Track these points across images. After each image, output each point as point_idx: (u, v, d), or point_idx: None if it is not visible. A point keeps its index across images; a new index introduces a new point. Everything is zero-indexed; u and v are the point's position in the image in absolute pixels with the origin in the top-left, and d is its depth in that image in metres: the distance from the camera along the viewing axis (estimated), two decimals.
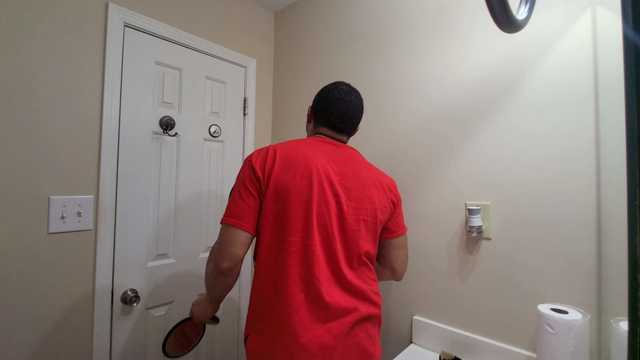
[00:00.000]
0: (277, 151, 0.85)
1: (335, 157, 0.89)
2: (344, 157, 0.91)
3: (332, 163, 0.87)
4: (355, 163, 0.91)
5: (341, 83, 0.97)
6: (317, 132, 0.97)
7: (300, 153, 0.85)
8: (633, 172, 0.33)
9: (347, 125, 0.95)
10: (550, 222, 0.95)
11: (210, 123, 1.56)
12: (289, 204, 0.81)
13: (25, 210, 1.05)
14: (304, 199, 0.81)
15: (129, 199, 1.29)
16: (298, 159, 0.84)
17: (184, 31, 1.47)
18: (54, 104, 1.11)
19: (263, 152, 0.86)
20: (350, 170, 0.89)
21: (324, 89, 0.97)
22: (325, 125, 0.95)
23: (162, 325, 1.38)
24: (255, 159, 0.85)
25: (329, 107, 0.93)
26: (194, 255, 1.49)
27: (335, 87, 0.95)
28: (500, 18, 0.61)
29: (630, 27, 0.34)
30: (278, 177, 0.82)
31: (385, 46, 1.38)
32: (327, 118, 0.94)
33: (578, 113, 0.92)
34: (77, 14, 1.16)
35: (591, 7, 0.90)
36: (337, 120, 0.93)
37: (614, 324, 0.78)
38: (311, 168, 0.83)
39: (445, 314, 1.16)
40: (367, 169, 0.93)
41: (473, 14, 1.13)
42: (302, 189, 0.81)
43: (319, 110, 0.96)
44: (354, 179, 0.88)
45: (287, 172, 0.82)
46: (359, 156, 0.96)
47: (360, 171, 0.90)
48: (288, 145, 0.88)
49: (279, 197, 0.81)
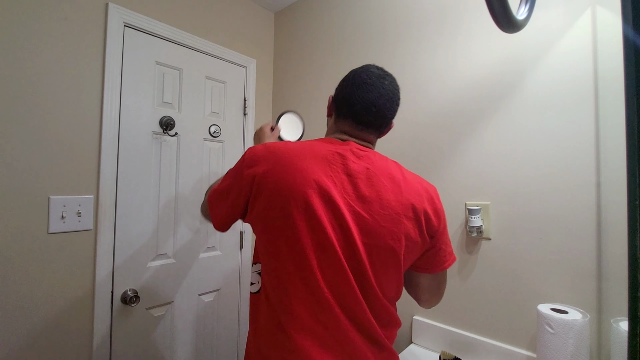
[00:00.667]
0: (260, 159, 0.67)
1: (352, 172, 0.65)
2: (365, 171, 0.66)
3: (344, 182, 0.65)
4: (382, 179, 0.67)
5: (372, 66, 0.76)
6: (337, 129, 0.76)
7: (289, 167, 0.64)
8: (633, 172, 0.33)
9: (377, 118, 0.73)
10: (550, 222, 0.95)
11: (210, 123, 1.56)
12: (273, 240, 0.65)
13: (25, 210, 1.05)
14: (286, 235, 0.63)
15: (129, 199, 1.29)
16: (281, 176, 0.63)
17: (184, 31, 1.47)
18: (54, 103, 1.11)
19: (252, 158, 0.69)
20: (373, 191, 0.65)
21: (350, 73, 0.76)
22: (348, 117, 0.73)
23: (163, 325, 1.38)
24: (247, 164, 0.69)
25: (354, 94, 0.72)
26: (194, 255, 1.49)
27: (365, 70, 0.74)
28: (501, 18, 0.61)
29: (630, 27, 0.34)
30: (260, 192, 0.65)
31: (386, 46, 1.38)
32: (351, 108, 0.72)
33: (578, 113, 0.92)
34: (77, 14, 1.16)
35: (591, 7, 0.90)
36: (364, 112, 0.71)
37: (614, 324, 0.78)
38: (296, 190, 0.62)
39: (445, 314, 1.16)
40: (397, 188, 0.67)
41: (474, 14, 1.13)
42: (279, 223, 0.63)
43: (341, 99, 0.75)
44: (376, 204, 0.65)
45: (266, 194, 0.64)
46: (390, 167, 0.70)
47: (387, 193, 0.66)
48: (280, 151, 0.67)
49: (264, 228, 0.67)
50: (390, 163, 0.72)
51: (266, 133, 1.03)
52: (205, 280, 1.53)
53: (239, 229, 1.69)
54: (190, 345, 1.47)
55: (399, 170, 0.71)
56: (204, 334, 1.52)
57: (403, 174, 0.71)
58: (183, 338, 1.44)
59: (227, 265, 1.62)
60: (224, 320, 1.60)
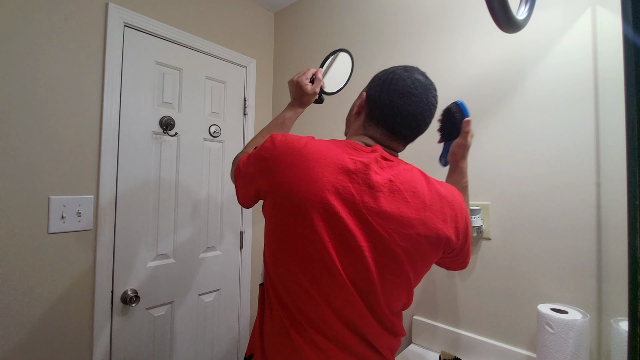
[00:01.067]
0: (277, 157, 0.61)
1: (374, 184, 0.58)
2: (388, 184, 0.59)
3: (364, 194, 0.58)
4: (405, 194, 0.60)
5: (416, 70, 0.67)
6: (364, 133, 0.69)
7: (305, 174, 0.58)
8: (633, 172, 0.33)
9: (415, 132, 0.67)
10: (550, 221, 0.95)
11: (210, 123, 1.56)
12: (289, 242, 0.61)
13: (25, 210, 1.05)
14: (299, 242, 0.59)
15: (129, 199, 1.29)
16: (294, 180, 0.58)
17: (184, 31, 1.47)
18: (54, 103, 1.11)
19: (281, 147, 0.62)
20: (394, 207, 0.58)
21: (391, 73, 0.66)
22: (381, 126, 0.66)
23: (162, 325, 1.38)
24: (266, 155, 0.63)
25: (394, 103, 0.64)
26: (194, 255, 1.49)
27: (410, 75, 0.65)
28: (501, 18, 0.61)
29: (630, 27, 0.34)
30: (278, 186, 0.60)
31: (386, 45, 1.38)
32: (388, 118, 0.65)
33: (578, 113, 0.92)
34: (77, 14, 1.16)
35: (591, 7, 0.90)
36: (403, 125, 0.65)
37: (614, 324, 0.78)
38: (308, 200, 0.57)
39: (445, 314, 1.16)
40: (421, 205, 0.60)
41: (474, 14, 1.13)
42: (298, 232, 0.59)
43: (377, 103, 0.66)
44: (396, 222, 0.58)
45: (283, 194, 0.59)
46: (416, 180, 0.63)
47: (409, 211, 0.59)
48: (299, 152, 0.60)
49: (273, 228, 0.64)
50: (415, 175, 0.64)
51: (305, 88, 0.87)
52: (205, 280, 1.53)
53: (239, 229, 1.69)
54: (190, 345, 1.47)
55: (425, 183, 0.63)
56: (204, 334, 1.52)
57: (429, 188, 0.63)
58: (183, 338, 1.44)
59: (227, 265, 1.62)
60: (224, 320, 1.60)
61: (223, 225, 1.61)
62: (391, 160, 0.63)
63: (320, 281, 0.59)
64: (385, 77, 0.67)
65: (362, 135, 0.69)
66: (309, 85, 0.87)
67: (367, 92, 0.69)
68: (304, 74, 0.88)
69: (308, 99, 0.89)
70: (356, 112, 0.71)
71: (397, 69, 0.67)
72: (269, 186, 0.61)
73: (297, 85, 0.88)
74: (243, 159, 0.71)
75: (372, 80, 0.70)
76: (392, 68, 0.68)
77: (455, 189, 0.70)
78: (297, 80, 0.88)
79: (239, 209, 1.69)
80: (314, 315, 0.61)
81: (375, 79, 0.69)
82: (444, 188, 0.66)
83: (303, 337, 0.61)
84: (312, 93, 0.88)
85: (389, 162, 0.62)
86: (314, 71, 0.89)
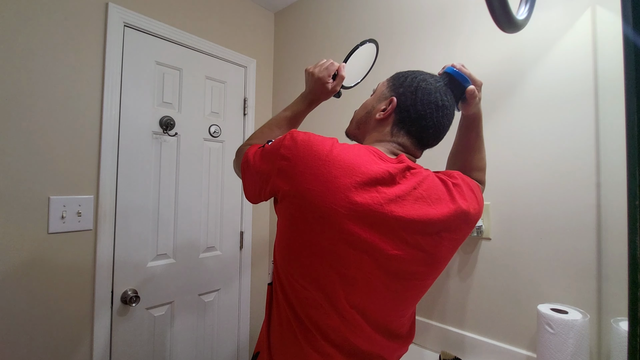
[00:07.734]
0: (298, 159, 0.57)
1: (399, 193, 0.57)
2: (412, 191, 0.58)
3: (391, 204, 0.56)
4: (429, 200, 0.59)
5: (438, 77, 0.68)
6: (392, 140, 0.66)
7: (328, 183, 0.54)
8: (633, 172, 0.33)
9: (437, 143, 0.68)
10: (550, 222, 0.95)
11: (210, 123, 1.56)
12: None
13: (25, 210, 1.05)
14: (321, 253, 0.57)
15: (129, 199, 1.29)
16: (314, 187, 0.54)
17: (184, 31, 1.47)
18: (54, 104, 1.11)
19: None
20: (416, 215, 0.57)
21: (423, 82, 0.65)
22: (412, 136, 0.65)
23: (162, 325, 1.38)
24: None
25: (430, 116, 0.63)
26: (194, 255, 1.49)
27: (441, 87, 0.65)
28: (501, 18, 0.61)
29: (630, 27, 0.34)
30: (306, 194, 0.55)
31: (386, 45, 1.37)
32: (422, 130, 0.64)
33: (578, 113, 0.92)
34: (77, 14, 1.16)
35: (591, 7, 0.90)
36: (435, 137, 0.66)
37: (614, 324, 0.78)
38: (330, 209, 0.54)
39: (445, 314, 1.16)
40: (441, 206, 0.60)
41: (474, 14, 1.13)
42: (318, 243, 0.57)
43: (411, 114, 0.64)
44: (418, 230, 0.58)
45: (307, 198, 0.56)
46: (438, 187, 0.62)
47: (429, 214, 0.58)
48: (324, 157, 0.56)
49: (288, 230, 0.61)
50: (437, 182, 0.62)
51: (326, 86, 0.80)
52: (205, 280, 1.53)
53: (239, 229, 1.69)
54: (190, 345, 1.47)
55: (446, 189, 0.62)
56: (204, 334, 1.52)
57: (451, 195, 0.62)
58: (183, 338, 1.44)
59: (227, 265, 1.62)
60: (223, 320, 1.60)
61: (223, 225, 1.61)
62: (415, 169, 0.62)
63: (335, 293, 0.58)
64: (417, 85, 0.64)
65: (388, 143, 0.66)
66: (330, 82, 0.80)
67: (397, 98, 0.65)
68: (327, 68, 0.80)
69: (326, 96, 0.82)
70: (382, 117, 0.66)
71: (425, 77, 0.65)
72: (289, 188, 0.57)
73: (317, 82, 0.80)
74: (253, 152, 0.67)
75: (399, 84, 0.66)
76: (419, 74, 0.66)
77: (471, 182, 0.69)
78: (318, 77, 0.79)
79: (239, 209, 1.69)
80: (323, 324, 0.60)
81: (403, 84, 0.65)
82: (464, 194, 0.65)
83: (310, 344, 0.60)
84: (332, 91, 0.82)
85: (413, 171, 0.61)
86: (338, 66, 0.81)
